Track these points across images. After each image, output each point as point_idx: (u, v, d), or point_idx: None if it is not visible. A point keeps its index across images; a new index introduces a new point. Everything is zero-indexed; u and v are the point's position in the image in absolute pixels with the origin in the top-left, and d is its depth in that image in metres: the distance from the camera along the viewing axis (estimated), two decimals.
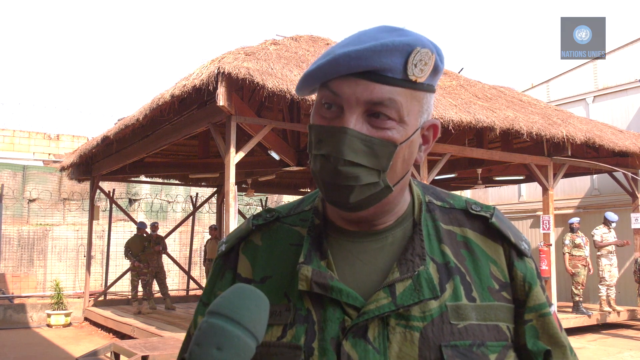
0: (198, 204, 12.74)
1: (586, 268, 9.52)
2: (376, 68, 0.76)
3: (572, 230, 9.66)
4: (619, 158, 9.90)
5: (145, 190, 14.66)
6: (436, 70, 0.81)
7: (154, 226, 10.67)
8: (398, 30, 0.79)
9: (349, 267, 0.83)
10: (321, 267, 0.81)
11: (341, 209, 0.83)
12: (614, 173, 10.05)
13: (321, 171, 0.79)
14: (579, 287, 9.46)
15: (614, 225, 9.65)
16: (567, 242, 9.57)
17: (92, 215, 10.88)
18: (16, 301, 11.30)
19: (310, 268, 0.81)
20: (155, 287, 10.51)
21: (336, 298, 0.79)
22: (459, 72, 10.19)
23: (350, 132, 0.76)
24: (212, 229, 11.69)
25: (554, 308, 0.88)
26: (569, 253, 9.54)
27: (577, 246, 9.53)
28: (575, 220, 9.75)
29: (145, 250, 10.10)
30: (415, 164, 0.86)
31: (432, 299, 0.79)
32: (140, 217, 13.73)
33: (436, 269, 0.81)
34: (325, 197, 0.82)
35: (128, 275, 10.65)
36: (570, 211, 12.27)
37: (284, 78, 6.10)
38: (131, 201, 14.52)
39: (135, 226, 10.76)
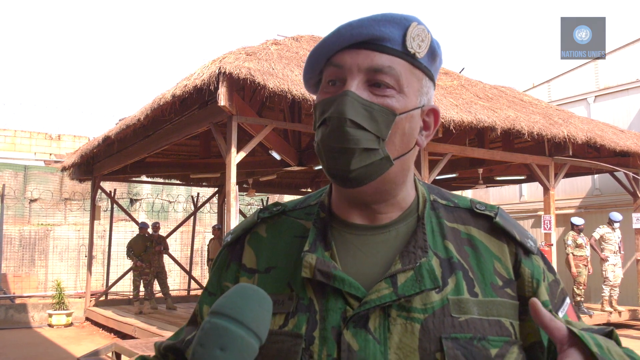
0: (199, 204, 12.74)
1: (586, 268, 9.52)
2: (376, 36, 0.80)
3: (577, 231, 9.62)
4: (620, 158, 9.88)
5: (147, 190, 14.67)
6: (433, 53, 0.85)
7: (156, 226, 10.67)
8: (401, 13, 0.84)
9: (352, 259, 0.84)
10: (325, 256, 0.82)
11: (343, 182, 0.82)
12: (615, 173, 10.04)
13: (323, 138, 0.80)
14: (581, 287, 9.45)
15: (617, 225, 9.64)
16: (569, 242, 9.55)
17: (94, 215, 10.89)
18: (18, 301, 11.30)
19: (315, 256, 0.81)
20: (156, 287, 10.52)
21: (338, 287, 0.79)
22: (460, 72, 10.18)
23: (351, 94, 0.79)
24: (215, 229, 11.69)
25: (568, 301, 0.88)
26: (572, 253, 9.52)
27: (578, 246, 9.52)
28: (580, 222, 9.70)
29: (148, 250, 10.11)
30: (418, 145, 0.87)
31: (433, 290, 0.79)
32: (141, 217, 13.73)
33: (439, 264, 0.82)
34: (327, 168, 0.82)
35: (129, 275, 10.66)
36: (572, 211, 12.26)
37: (285, 78, 6.10)
38: (132, 201, 14.54)
39: (137, 226, 10.77)
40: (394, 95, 0.80)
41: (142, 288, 10.16)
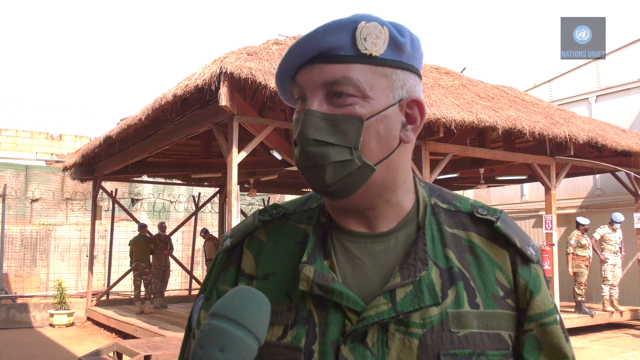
0: (200, 204, 12.75)
1: (588, 268, 9.51)
2: (325, 48, 0.78)
3: (581, 231, 9.60)
4: (622, 157, 9.87)
5: (148, 190, 14.69)
6: (396, 44, 0.80)
7: (162, 226, 10.80)
8: (349, 16, 0.81)
9: (351, 269, 0.82)
10: (324, 267, 0.80)
11: (327, 196, 0.82)
12: (616, 173, 10.03)
13: (296, 159, 0.81)
14: (582, 287, 9.44)
15: (617, 226, 9.63)
16: (572, 242, 9.52)
17: (95, 215, 10.91)
18: (19, 301, 11.32)
19: (313, 268, 0.79)
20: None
21: (337, 301, 0.78)
22: (461, 72, 10.18)
23: (310, 112, 0.78)
24: (205, 233, 11.86)
25: (558, 317, 0.84)
26: (573, 253, 9.50)
27: (582, 246, 9.50)
28: (586, 222, 9.68)
29: (154, 251, 10.22)
30: (403, 142, 0.83)
31: (433, 306, 0.77)
32: (142, 217, 13.75)
33: (439, 274, 0.79)
34: (308, 184, 0.82)
35: (130, 275, 10.68)
36: (573, 211, 12.25)
37: None
38: (134, 201, 14.55)
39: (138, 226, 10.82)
40: (357, 102, 0.78)
41: (143, 287, 10.18)
